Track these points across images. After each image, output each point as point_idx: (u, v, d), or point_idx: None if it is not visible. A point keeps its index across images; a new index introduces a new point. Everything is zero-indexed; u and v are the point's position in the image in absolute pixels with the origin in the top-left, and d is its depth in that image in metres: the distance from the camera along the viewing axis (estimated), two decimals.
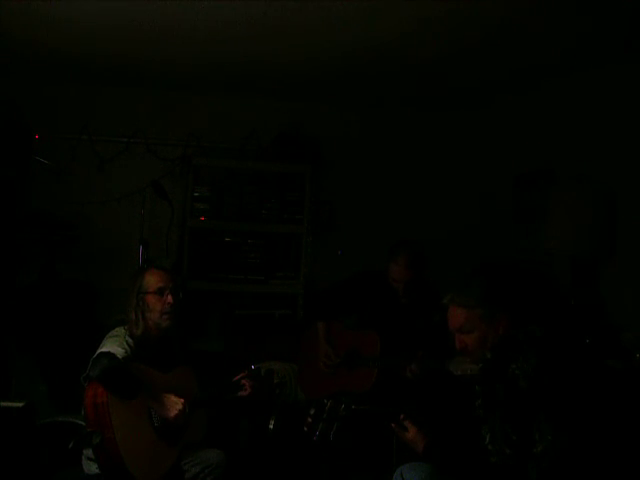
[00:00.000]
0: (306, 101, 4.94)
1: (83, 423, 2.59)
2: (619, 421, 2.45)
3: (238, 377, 2.97)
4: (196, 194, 4.69)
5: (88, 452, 2.62)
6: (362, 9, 2.96)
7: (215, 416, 3.00)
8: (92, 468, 2.62)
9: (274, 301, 4.86)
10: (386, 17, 3.06)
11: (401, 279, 3.31)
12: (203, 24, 3.26)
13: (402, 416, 2.30)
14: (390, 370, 3.24)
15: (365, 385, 3.28)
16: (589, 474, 2.04)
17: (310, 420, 2.32)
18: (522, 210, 4.49)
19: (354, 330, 3.49)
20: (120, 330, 2.77)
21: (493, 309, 2.17)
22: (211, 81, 4.54)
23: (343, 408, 2.29)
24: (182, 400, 2.66)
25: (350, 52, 3.63)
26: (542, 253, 3.81)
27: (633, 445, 2.39)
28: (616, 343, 3.15)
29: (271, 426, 3.53)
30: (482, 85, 4.33)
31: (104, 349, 2.62)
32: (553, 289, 3.73)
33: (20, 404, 2.79)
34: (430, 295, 3.41)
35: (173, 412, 2.62)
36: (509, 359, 2.05)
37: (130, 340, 2.72)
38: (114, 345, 2.64)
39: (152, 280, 2.82)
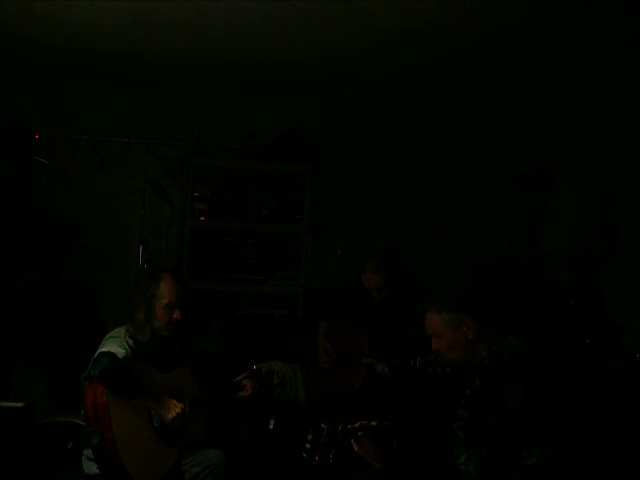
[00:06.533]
0: (306, 101, 4.94)
1: (83, 423, 2.59)
2: (617, 424, 2.44)
3: (240, 377, 2.98)
4: (196, 194, 4.68)
5: (88, 452, 2.62)
6: (362, 9, 2.96)
7: (215, 416, 3.00)
8: (92, 468, 2.62)
9: (274, 301, 4.85)
10: (386, 17, 3.06)
11: (372, 286, 3.31)
12: (203, 24, 3.26)
13: (361, 433, 2.26)
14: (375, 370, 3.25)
15: (355, 383, 3.32)
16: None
17: (308, 446, 2.30)
18: (523, 210, 4.49)
19: (348, 330, 3.52)
20: (120, 330, 2.77)
21: (459, 315, 2.20)
22: (211, 81, 4.54)
23: (340, 429, 2.26)
24: (181, 404, 2.66)
25: (350, 52, 3.63)
26: (542, 253, 3.81)
27: (633, 446, 2.38)
28: (616, 343, 3.14)
29: (271, 426, 3.53)
30: (482, 86, 4.33)
31: (104, 349, 2.63)
32: (549, 290, 3.73)
33: (20, 404, 2.79)
34: (419, 296, 3.40)
35: (171, 414, 2.62)
36: (500, 386, 2.02)
37: (130, 340, 2.72)
38: (114, 345, 2.65)
39: (166, 292, 2.80)
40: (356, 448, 2.26)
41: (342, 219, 5.02)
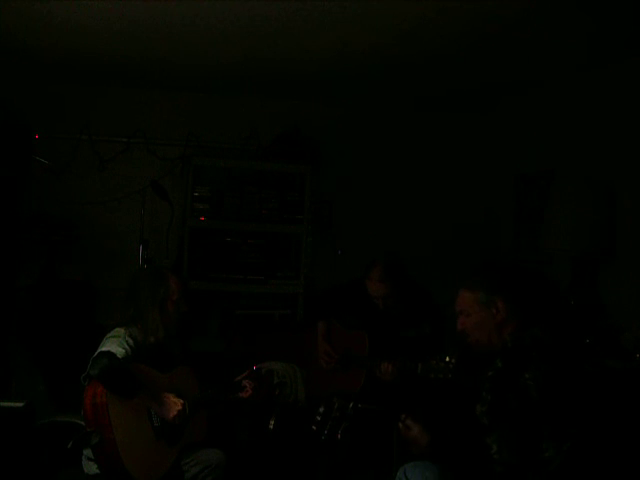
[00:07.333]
0: (306, 101, 4.94)
1: (83, 423, 2.59)
2: (621, 423, 2.45)
3: (240, 377, 2.98)
4: (196, 194, 4.68)
5: (88, 452, 2.62)
6: (362, 9, 2.96)
7: (215, 416, 3.00)
8: (92, 468, 2.62)
9: (274, 301, 4.86)
10: (386, 17, 3.06)
11: (378, 294, 3.31)
12: (203, 24, 3.26)
13: (404, 416, 2.31)
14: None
15: (356, 385, 3.32)
16: (592, 477, 2.03)
17: (319, 419, 2.31)
18: (523, 210, 4.50)
19: (348, 330, 3.51)
20: (120, 330, 2.77)
21: (492, 294, 2.24)
22: (211, 81, 4.54)
23: (351, 407, 2.29)
24: (182, 401, 2.66)
25: (351, 52, 3.63)
26: (542, 253, 3.81)
27: (633, 446, 2.39)
28: (616, 343, 3.14)
29: (271, 426, 3.53)
30: (482, 87, 4.33)
31: (104, 348, 2.62)
32: (554, 289, 3.73)
33: (20, 404, 2.79)
34: (420, 302, 3.41)
35: (172, 412, 2.62)
36: (522, 368, 2.04)
37: (130, 340, 2.72)
38: (114, 345, 2.64)
39: (175, 288, 2.86)
40: (402, 430, 2.30)
41: (342, 219, 5.02)
